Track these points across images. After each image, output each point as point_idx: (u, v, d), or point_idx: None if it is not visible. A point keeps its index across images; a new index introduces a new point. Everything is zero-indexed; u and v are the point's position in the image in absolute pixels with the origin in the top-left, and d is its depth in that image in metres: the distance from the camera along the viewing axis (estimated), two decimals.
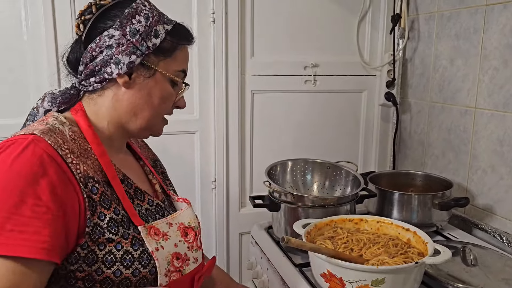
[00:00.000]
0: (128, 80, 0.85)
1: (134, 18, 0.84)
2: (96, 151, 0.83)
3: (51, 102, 0.88)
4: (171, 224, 0.89)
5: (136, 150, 1.03)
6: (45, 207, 0.70)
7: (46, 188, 0.71)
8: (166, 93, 0.90)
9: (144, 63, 0.85)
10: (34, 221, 0.69)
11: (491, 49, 1.49)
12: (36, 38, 1.53)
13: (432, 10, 1.75)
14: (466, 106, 1.61)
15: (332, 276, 1.03)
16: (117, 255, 0.78)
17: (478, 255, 1.27)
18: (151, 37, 0.84)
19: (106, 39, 0.83)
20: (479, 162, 1.56)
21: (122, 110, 0.87)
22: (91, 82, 0.85)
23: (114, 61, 0.83)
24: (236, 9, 1.71)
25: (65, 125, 0.82)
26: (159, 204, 0.93)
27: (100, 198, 0.78)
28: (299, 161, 1.64)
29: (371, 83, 1.99)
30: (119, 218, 0.80)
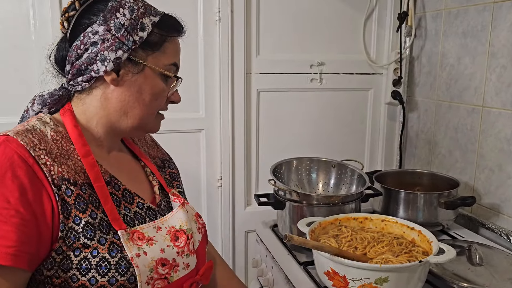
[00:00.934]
0: (116, 77, 0.81)
1: (118, 12, 0.80)
2: (80, 151, 0.79)
3: (40, 104, 0.85)
4: (159, 228, 0.84)
5: (134, 150, 0.98)
6: (14, 210, 0.68)
7: (15, 191, 0.68)
8: (158, 89, 0.85)
9: (131, 59, 0.81)
10: (1, 225, 0.67)
11: (499, 46, 1.47)
12: (43, 37, 1.55)
13: (439, 7, 1.74)
14: (473, 104, 1.59)
15: (336, 274, 1.03)
16: (92, 261, 0.74)
17: (484, 254, 1.26)
18: (137, 30, 0.80)
19: (91, 36, 0.79)
20: (486, 161, 1.54)
21: (111, 109, 0.84)
22: (79, 82, 0.82)
23: (100, 58, 0.79)
24: (242, 8, 1.71)
25: (47, 126, 0.79)
26: (150, 207, 0.88)
27: (75, 201, 0.74)
28: (305, 159, 1.64)
29: (378, 81, 1.98)
30: (96, 222, 0.76)
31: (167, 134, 1.25)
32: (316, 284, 1.19)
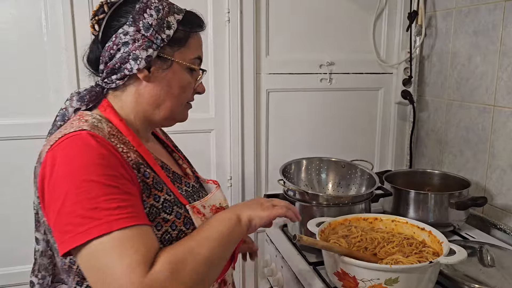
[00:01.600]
0: (147, 74, 0.87)
1: (146, 12, 0.85)
2: (133, 142, 0.86)
3: (79, 101, 0.89)
4: (204, 207, 0.93)
5: (162, 138, 1.07)
6: (128, 181, 0.76)
7: (117, 167, 0.76)
8: (185, 82, 0.91)
9: (160, 56, 0.87)
10: (126, 195, 0.74)
11: (510, 45, 1.46)
12: (55, 39, 1.57)
13: (450, 6, 1.73)
14: (484, 104, 1.58)
15: (345, 275, 1.03)
16: (172, 234, 0.83)
17: (495, 255, 1.25)
18: (164, 29, 0.86)
19: (122, 36, 0.84)
20: (498, 161, 1.53)
21: (145, 103, 0.89)
22: (113, 80, 0.87)
23: (132, 57, 0.84)
24: (251, 8, 1.72)
25: (102, 122, 0.84)
26: (194, 185, 0.98)
27: (153, 181, 0.83)
28: (314, 159, 1.64)
29: (388, 81, 1.97)
30: (172, 198, 0.85)
31: (177, 134, 1.26)
32: (326, 285, 1.19)
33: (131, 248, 0.69)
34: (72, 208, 0.70)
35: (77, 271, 0.82)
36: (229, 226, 0.84)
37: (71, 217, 0.70)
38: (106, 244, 0.69)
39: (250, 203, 0.92)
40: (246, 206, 0.90)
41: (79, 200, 0.70)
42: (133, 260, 0.68)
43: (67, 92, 1.60)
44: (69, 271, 0.83)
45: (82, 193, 0.70)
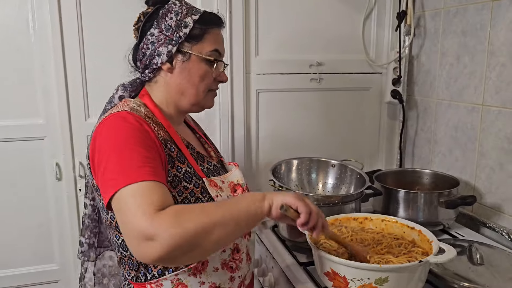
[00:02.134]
0: (170, 66, 1.03)
1: (167, 16, 1.02)
2: (164, 124, 1.02)
3: (123, 90, 1.08)
4: (223, 182, 1.07)
5: (192, 126, 1.22)
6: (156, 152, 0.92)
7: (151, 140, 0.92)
8: (203, 71, 1.04)
9: (180, 50, 1.02)
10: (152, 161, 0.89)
11: (498, 45, 1.47)
12: (43, 40, 1.55)
13: (438, 6, 1.74)
14: (473, 103, 1.59)
15: (336, 275, 1.03)
16: (191, 200, 0.97)
17: (485, 254, 1.26)
18: (182, 28, 1.02)
19: (149, 38, 1.03)
20: (487, 159, 1.54)
21: (172, 91, 1.05)
22: (147, 73, 1.05)
23: (157, 53, 1.02)
24: (241, 8, 1.71)
25: (141, 106, 1.01)
26: (216, 165, 1.12)
27: (177, 155, 0.99)
28: (305, 159, 1.64)
29: (377, 80, 1.98)
30: (192, 171, 1.00)
31: None
32: (317, 285, 1.19)
33: (146, 195, 0.82)
34: (113, 167, 0.86)
35: (115, 226, 0.98)
36: (249, 200, 0.91)
37: (112, 175, 0.86)
38: (128, 191, 0.83)
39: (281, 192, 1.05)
40: (276, 192, 0.97)
41: (119, 162, 0.86)
42: (144, 203, 0.81)
43: (55, 92, 1.59)
44: (110, 226, 1.01)
45: (119, 156, 0.87)
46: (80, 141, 1.65)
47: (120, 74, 1.61)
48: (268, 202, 0.91)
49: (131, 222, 0.80)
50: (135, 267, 0.99)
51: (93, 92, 1.64)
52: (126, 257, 1.00)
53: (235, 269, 1.05)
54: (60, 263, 1.73)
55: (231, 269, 1.04)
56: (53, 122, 1.61)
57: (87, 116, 1.64)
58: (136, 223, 0.79)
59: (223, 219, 0.85)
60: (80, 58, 1.59)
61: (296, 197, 0.94)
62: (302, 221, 0.94)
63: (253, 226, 0.93)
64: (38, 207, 1.67)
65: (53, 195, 1.67)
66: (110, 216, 0.98)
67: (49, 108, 1.60)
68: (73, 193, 1.68)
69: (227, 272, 1.03)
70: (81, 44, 1.59)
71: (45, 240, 1.70)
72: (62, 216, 1.69)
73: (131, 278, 1.01)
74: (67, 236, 1.70)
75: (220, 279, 1.02)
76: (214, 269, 1.01)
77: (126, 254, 1.00)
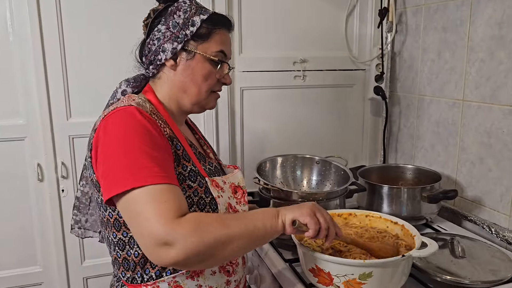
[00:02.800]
0: (174, 63, 1.02)
1: (175, 14, 1.02)
2: (168, 121, 1.01)
3: (126, 85, 1.07)
4: (224, 182, 1.06)
5: (192, 127, 1.22)
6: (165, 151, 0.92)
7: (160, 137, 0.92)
8: (207, 71, 1.03)
9: (185, 48, 1.01)
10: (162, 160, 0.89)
11: (477, 41, 1.49)
12: (22, 39, 1.52)
13: (419, 3, 1.76)
14: (454, 98, 1.61)
15: (320, 271, 1.04)
16: (194, 199, 0.97)
17: (466, 246, 1.28)
18: (189, 26, 1.01)
19: (156, 34, 1.02)
20: (468, 154, 1.57)
21: (175, 89, 1.04)
22: (151, 69, 1.05)
23: (162, 50, 1.01)
24: (223, 6, 1.71)
25: (146, 102, 1.00)
26: (216, 166, 1.11)
27: (182, 153, 0.98)
28: (289, 156, 1.64)
29: (360, 77, 1.99)
30: (196, 169, 1.00)
31: None
32: (302, 281, 1.19)
33: (162, 199, 0.83)
34: (120, 164, 0.85)
35: (113, 223, 0.96)
36: (265, 217, 0.92)
37: (119, 171, 0.85)
38: (141, 194, 0.83)
39: (297, 205, 0.98)
40: (289, 207, 0.97)
41: (126, 159, 0.85)
42: (162, 207, 0.81)
43: (36, 92, 1.56)
44: (107, 224, 0.98)
45: (129, 154, 0.86)
46: (62, 141, 1.62)
47: (103, 72, 1.61)
48: (281, 219, 0.94)
49: (149, 227, 0.80)
50: (132, 267, 0.97)
51: (75, 92, 1.61)
52: (121, 258, 0.98)
53: (232, 273, 1.05)
54: (43, 265, 1.70)
55: (228, 273, 1.04)
56: (34, 122, 1.59)
57: (69, 115, 1.62)
58: (154, 228, 0.80)
59: (240, 234, 0.87)
60: (60, 56, 1.57)
61: (307, 212, 0.95)
62: (310, 236, 0.96)
63: (267, 242, 0.96)
64: (20, 208, 1.64)
65: (35, 196, 1.65)
66: (108, 214, 0.96)
67: (29, 108, 1.58)
68: (56, 194, 1.66)
69: (224, 276, 1.03)
70: (62, 42, 1.56)
71: (27, 242, 1.67)
72: (45, 218, 1.67)
73: (126, 279, 0.99)
74: (50, 238, 1.68)
75: (217, 282, 1.02)
76: (211, 273, 1.01)
77: (121, 254, 0.98)
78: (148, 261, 0.95)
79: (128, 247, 0.96)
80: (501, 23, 1.40)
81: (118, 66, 1.40)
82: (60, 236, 1.68)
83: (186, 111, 1.09)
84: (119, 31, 1.61)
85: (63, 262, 1.71)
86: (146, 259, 0.95)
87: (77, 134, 1.63)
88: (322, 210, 0.99)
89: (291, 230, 0.93)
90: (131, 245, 0.95)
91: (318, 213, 0.97)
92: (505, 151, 1.41)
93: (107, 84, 1.26)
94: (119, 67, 1.10)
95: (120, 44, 1.59)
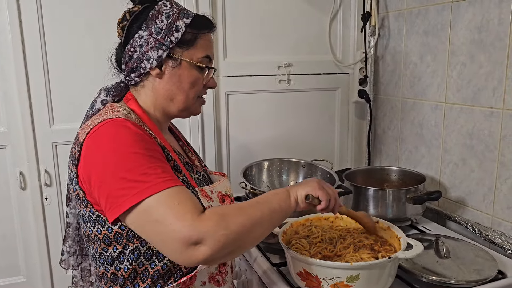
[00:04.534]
0: (159, 71, 0.99)
1: (157, 19, 0.97)
2: (154, 131, 0.97)
3: (105, 94, 1.02)
4: (212, 191, 1.03)
5: (175, 132, 1.19)
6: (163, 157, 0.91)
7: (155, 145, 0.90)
8: (194, 78, 1.01)
9: (170, 55, 0.98)
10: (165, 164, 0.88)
11: (458, 44, 1.52)
12: (1, 44, 1.50)
13: (401, 7, 1.78)
14: (436, 101, 1.64)
15: (308, 275, 1.04)
16: None
17: (451, 247, 1.30)
18: (173, 32, 0.97)
19: (138, 40, 0.97)
20: (451, 155, 1.59)
21: (160, 97, 1.01)
22: (133, 77, 1.01)
23: (146, 58, 0.97)
24: (208, 11, 1.71)
25: (131, 113, 0.97)
26: (204, 174, 1.09)
27: (174, 164, 0.96)
28: (275, 160, 1.65)
29: (345, 81, 2.01)
30: (187, 180, 0.97)
31: None
32: (290, 285, 1.19)
33: (176, 202, 0.81)
34: (122, 175, 0.82)
35: (102, 239, 0.92)
36: (279, 198, 0.95)
37: (123, 183, 0.82)
38: (157, 200, 0.80)
39: (303, 182, 1.03)
40: (297, 185, 1.01)
41: (129, 169, 0.82)
42: (179, 209, 0.80)
43: (17, 99, 1.54)
44: (94, 240, 0.94)
45: (130, 163, 0.83)
46: (44, 149, 1.60)
47: (86, 78, 1.59)
48: (294, 196, 0.97)
49: (173, 231, 0.79)
50: (121, 282, 0.93)
51: (57, 98, 1.59)
52: (110, 272, 0.94)
53: (221, 283, 1.04)
54: (27, 275, 1.67)
55: (217, 283, 1.03)
56: (16, 130, 1.56)
57: (52, 122, 1.60)
58: (178, 231, 0.79)
59: (261, 219, 0.88)
60: (42, 62, 1.55)
61: (316, 186, 1.01)
62: (322, 207, 1.02)
63: (282, 221, 0.98)
64: (2, 217, 1.61)
65: (18, 204, 1.62)
66: (96, 230, 0.92)
67: (10, 115, 1.55)
68: (39, 202, 1.63)
69: (214, 286, 1.02)
70: (43, 48, 1.54)
71: (10, 252, 1.64)
72: (28, 227, 1.64)
73: None
74: (34, 247, 1.65)
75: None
76: (201, 283, 0.99)
77: (110, 269, 0.94)
78: (138, 275, 0.93)
79: (117, 262, 0.93)
80: (480, 27, 1.43)
81: (101, 72, 1.38)
82: (44, 245, 1.65)
83: (171, 117, 1.07)
84: (101, 37, 1.59)
85: (47, 272, 1.68)
86: (136, 273, 0.93)
87: (61, 141, 1.61)
88: (327, 183, 1.05)
89: (305, 205, 0.99)
90: (121, 260, 0.92)
91: (325, 185, 1.03)
92: (487, 152, 1.44)
93: (90, 91, 1.24)
94: (102, 73, 1.08)
95: (103, 50, 1.56)
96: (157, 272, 0.93)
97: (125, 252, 0.92)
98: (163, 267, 0.93)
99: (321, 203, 1.01)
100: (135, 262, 0.92)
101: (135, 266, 0.92)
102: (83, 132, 0.92)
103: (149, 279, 0.93)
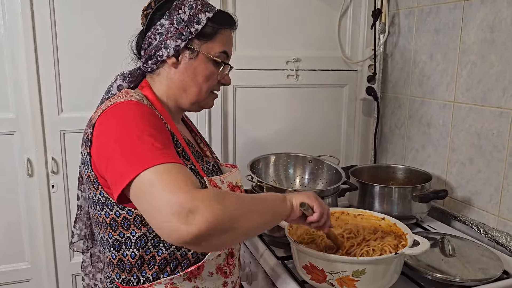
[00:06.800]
0: (175, 61, 0.99)
1: (180, 9, 0.98)
2: (166, 119, 0.97)
3: (122, 79, 1.03)
4: (222, 182, 1.03)
5: (188, 123, 1.19)
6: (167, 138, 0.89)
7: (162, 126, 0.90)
8: (209, 72, 1.01)
9: (189, 47, 0.99)
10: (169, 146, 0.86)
11: (469, 44, 1.52)
12: (13, 31, 1.50)
13: (412, 5, 1.78)
14: (445, 100, 1.63)
15: (314, 268, 1.04)
16: None
17: (456, 246, 1.30)
18: (194, 23, 0.98)
19: (159, 28, 0.98)
20: (458, 155, 1.59)
21: (174, 87, 1.02)
22: (149, 64, 1.01)
23: (164, 46, 0.98)
24: (218, 5, 1.70)
25: (144, 99, 0.97)
26: (214, 165, 1.09)
27: (182, 151, 0.97)
28: (282, 155, 1.65)
29: (353, 77, 2.01)
30: (195, 168, 0.97)
31: None
32: (295, 278, 1.20)
33: (175, 176, 0.77)
34: (127, 151, 0.80)
35: (109, 223, 0.92)
36: (275, 198, 0.93)
37: (126, 158, 0.80)
38: (153, 172, 0.77)
39: (300, 192, 1.02)
40: (294, 193, 1.00)
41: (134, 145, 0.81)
42: (177, 178, 0.76)
43: (26, 86, 1.54)
44: (102, 224, 0.94)
45: (136, 139, 0.81)
46: (53, 136, 1.60)
47: (96, 67, 1.59)
48: (289, 200, 0.95)
49: (166, 197, 0.73)
50: (128, 269, 0.94)
51: (67, 86, 1.60)
52: (116, 259, 0.95)
53: (229, 274, 1.04)
54: (32, 262, 1.68)
55: (225, 274, 1.03)
56: (24, 117, 1.57)
57: (60, 110, 1.60)
58: (173, 197, 0.72)
59: (257, 210, 0.85)
60: (52, 50, 1.55)
61: (313, 197, 0.99)
62: (314, 219, 0.98)
63: (273, 225, 0.94)
64: (9, 204, 1.62)
65: (24, 191, 1.62)
66: (105, 213, 0.92)
67: (20, 102, 1.55)
68: (46, 189, 1.64)
69: (221, 277, 1.02)
70: (54, 35, 1.55)
71: (15, 238, 1.65)
72: (34, 214, 1.64)
73: (121, 281, 0.96)
74: (39, 234, 1.66)
75: (214, 284, 1.01)
76: (209, 274, 0.99)
77: (117, 255, 0.94)
78: (145, 262, 0.93)
79: (124, 247, 0.93)
80: (492, 26, 1.42)
81: (111, 60, 1.39)
82: (49, 232, 1.66)
83: (183, 109, 1.07)
84: (113, 25, 1.59)
85: (52, 259, 1.69)
86: (143, 260, 0.93)
87: (69, 130, 1.62)
88: (321, 199, 1.03)
89: (299, 212, 0.96)
90: (128, 246, 0.93)
91: (320, 199, 1.01)
92: (495, 152, 1.44)
93: (99, 79, 1.25)
94: (112, 61, 1.08)
95: (114, 38, 1.58)
96: (164, 260, 0.93)
97: (132, 239, 0.92)
98: (170, 255, 0.93)
99: (313, 215, 0.98)
100: (142, 249, 0.92)
101: (142, 253, 0.93)
102: (95, 115, 0.93)
103: (156, 266, 0.93)
